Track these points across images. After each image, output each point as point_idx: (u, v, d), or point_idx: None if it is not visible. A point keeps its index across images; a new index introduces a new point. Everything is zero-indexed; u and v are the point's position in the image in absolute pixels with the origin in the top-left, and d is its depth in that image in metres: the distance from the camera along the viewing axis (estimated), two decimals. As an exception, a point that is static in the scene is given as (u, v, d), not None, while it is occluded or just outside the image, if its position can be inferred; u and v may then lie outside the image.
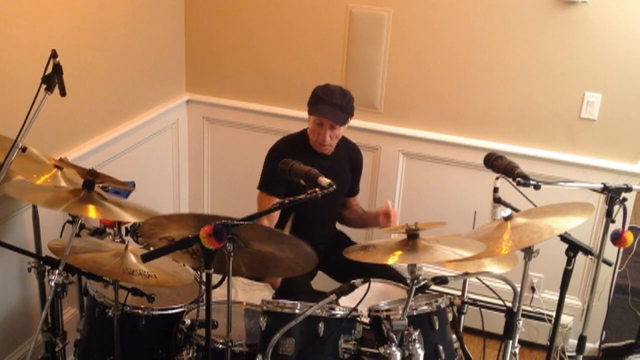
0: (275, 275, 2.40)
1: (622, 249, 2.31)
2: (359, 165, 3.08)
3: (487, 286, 2.70)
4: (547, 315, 3.35)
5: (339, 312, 2.17)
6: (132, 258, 2.29)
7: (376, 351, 2.07)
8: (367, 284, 2.13)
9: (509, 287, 2.31)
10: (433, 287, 2.20)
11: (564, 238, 2.25)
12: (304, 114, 2.86)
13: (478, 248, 2.04)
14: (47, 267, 2.44)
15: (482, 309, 2.53)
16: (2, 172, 2.15)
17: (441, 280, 2.18)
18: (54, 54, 2.17)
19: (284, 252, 2.26)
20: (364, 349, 2.18)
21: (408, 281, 2.03)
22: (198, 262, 2.14)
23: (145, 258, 1.95)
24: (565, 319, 3.35)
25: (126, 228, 2.80)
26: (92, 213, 2.15)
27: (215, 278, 2.07)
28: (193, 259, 2.21)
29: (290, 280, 2.76)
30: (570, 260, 2.28)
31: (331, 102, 2.74)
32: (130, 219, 2.30)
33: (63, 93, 2.23)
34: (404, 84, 3.44)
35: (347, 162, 2.99)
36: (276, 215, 2.81)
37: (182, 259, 2.29)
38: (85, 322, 2.57)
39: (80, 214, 2.18)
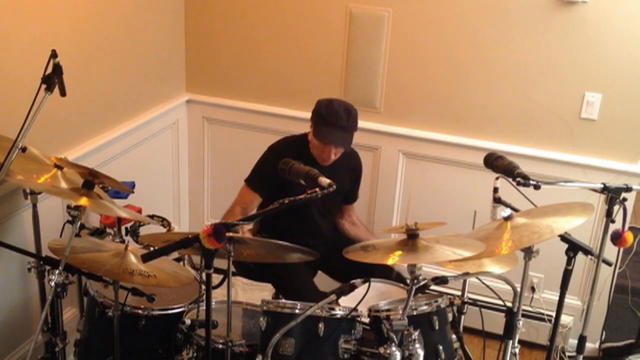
0: (282, 260, 2.41)
1: (622, 249, 2.31)
2: (358, 173, 3.08)
3: (487, 286, 2.70)
4: (547, 315, 3.35)
5: (339, 312, 2.17)
6: (132, 258, 2.29)
7: (376, 351, 2.07)
8: (367, 284, 2.13)
9: (509, 287, 2.31)
10: (433, 287, 2.20)
11: (564, 238, 2.25)
12: (304, 114, 2.86)
13: (478, 248, 2.04)
14: (47, 267, 2.44)
15: (482, 309, 2.53)
16: (2, 172, 2.15)
17: (441, 280, 2.18)
18: (54, 54, 2.17)
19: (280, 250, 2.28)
20: (364, 349, 2.17)
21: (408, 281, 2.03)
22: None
23: (145, 258, 1.95)
24: (565, 319, 3.35)
25: (126, 228, 2.80)
26: (84, 201, 2.14)
27: (216, 278, 2.07)
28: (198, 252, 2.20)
29: (294, 278, 2.76)
30: (570, 260, 2.28)
31: (336, 125, 2.69)
32: (124, 214, 2.31)
33: (63, 93, 2.23)
34: (404, 84, 3.44)
35: (347, 170, 2.98)
36: (253, 207, 2.80)
37: (187, 252, 2.29)
38: (85, 322, 2.57)
39: (75, 201, 2.16)
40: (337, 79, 3.50)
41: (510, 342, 2.39)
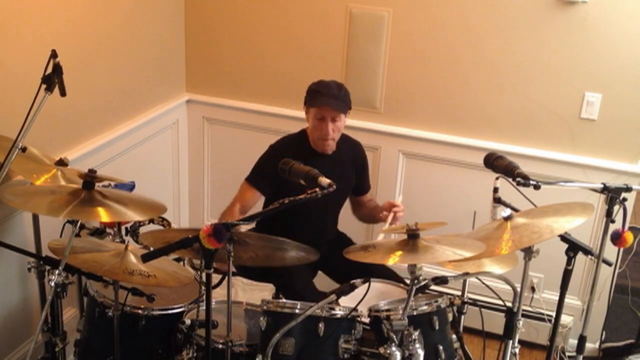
0: (281, 263, 2.41)
1: (622, 249, 2.31)
2: (363, 163, 3.06)
3: (487, 286, 2.69)
4: (547, 315, 3.35)
5: (339, 312, 2.17)
6: (132, 258, 2.28)
7: (376, 351, 2.07)
8: (367, 284, 2.13)
9: (509, 287, 2.31)
10: (433, 287, 2.20)
11: (564, 238, 2.25)
12: (304, 114, 2.86)
13: (478, 248, 2.04)
14: (47, 267, 2.44)
15: (482, 309, 2.53)
16: (2, 172, 2.15)
17: (441, 280, 2.18)
18: (54, 54, 2.18)
19: (281, 251, 2.27)
20: (364, 349, 2.17)
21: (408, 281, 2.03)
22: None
23: (145, 258, 1.95)
24: (565, 319, 3.35)
25: (126, 228, 2.80)
26: (104, 216, 2.11)
27: (216, 278, 2.07)
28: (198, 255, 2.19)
29: (295, 279, 2.76)
30: (570, 260, 2.28)
31: (329, 94, 2.74)
32: (136, 217, 2.29)
33: (63, 93, 2.23)
34: (404, 83, 3.44)
35: (350, 161, 2.98)
36: (252, 205, 2.81)
37: (186, 254, 2.29)
38: (85, 322, 2.57)
39: (89, 219, 2.14)
40: (337, 79, 3.46)
41: (510, 342, 2.39)
